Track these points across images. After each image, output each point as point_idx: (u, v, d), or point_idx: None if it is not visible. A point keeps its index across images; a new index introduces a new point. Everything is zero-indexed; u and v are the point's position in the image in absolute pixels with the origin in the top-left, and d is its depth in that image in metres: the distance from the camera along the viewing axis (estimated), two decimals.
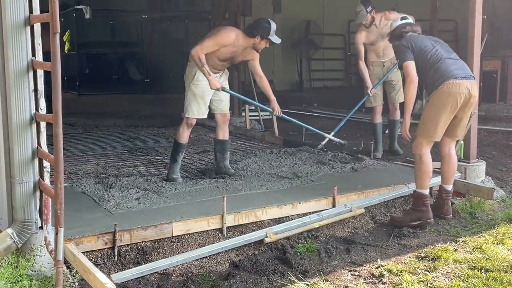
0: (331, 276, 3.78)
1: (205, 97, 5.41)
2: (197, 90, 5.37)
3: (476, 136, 5.74)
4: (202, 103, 5.41)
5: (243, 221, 4.42)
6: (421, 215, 4.69)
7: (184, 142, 5.48)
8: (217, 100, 5.53)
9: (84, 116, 10.36)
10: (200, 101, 5.39)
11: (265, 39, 5.32)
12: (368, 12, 6.72)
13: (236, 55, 5.43)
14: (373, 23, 6.82)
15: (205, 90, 5.38)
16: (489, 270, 3.75)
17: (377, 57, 7.00)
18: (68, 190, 4.93)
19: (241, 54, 5.46)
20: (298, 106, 11.54)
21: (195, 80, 5.37)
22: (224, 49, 5.30)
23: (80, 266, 3.36)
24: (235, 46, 5.33)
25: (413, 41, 4.90)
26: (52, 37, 2.96)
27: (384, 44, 6.84)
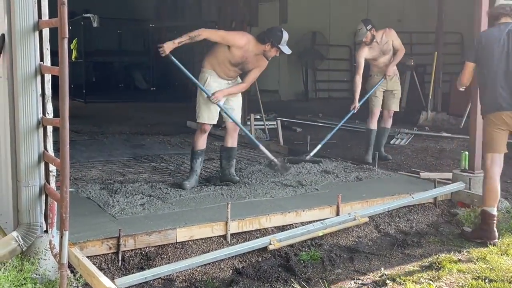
0: (335, 284, 3.78)
1: (213, 105, 5.41)
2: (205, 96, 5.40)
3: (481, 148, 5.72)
4: (213, 109, 5.41)
5: (247, 228, 4.43)
6: (483, 234, 4.53)
7: (197, 149, 5.48)
8: (229, 109, 5.55)
9: (90, 123, 10.41)
10: (211, 106, 5.40)
11: (275, 47, 5.34)
12: (368, 30, 7.01)
13: (247, 61, 5.40)
14: (374, 40, 7.09)
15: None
16: (493, 280, 3.74)
17: (380, 71, 7.33)
18: (73, 195, 4.95)
19: (252, 61, 5.41)
20: (303, 116, 11.57)
21: (207, 86, 5.41)
22: (235, 52, 5.29)
23: (84, 270, 3.38)
24: (246, 51, 5.32)
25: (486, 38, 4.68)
26: (60, 42, 2.99)
27: (384, 59, 7.23)
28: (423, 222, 5.06)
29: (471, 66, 4.77)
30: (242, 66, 5.46)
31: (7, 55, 3.52)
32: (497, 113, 4.56)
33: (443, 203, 5.42)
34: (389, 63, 7.26)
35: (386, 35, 7.16)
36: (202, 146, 5.52)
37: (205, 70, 5.45)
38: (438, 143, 9.01)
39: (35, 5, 3.40)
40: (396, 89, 7.36)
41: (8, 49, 3.50)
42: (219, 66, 5.38)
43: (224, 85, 5.45)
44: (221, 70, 5.37)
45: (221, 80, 5.44)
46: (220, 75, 5.43)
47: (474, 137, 5.62)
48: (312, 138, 8.29)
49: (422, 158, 7.76)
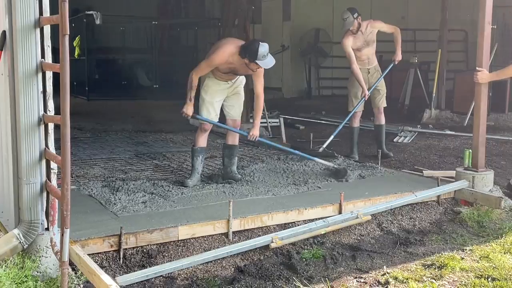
0: (337, 282, 3.77)
1: (214, 103, 5.44)
2: (205, 95, 5.43)
3: (485, 145, 5.71)
4: (211, 108, 5.43)
5: (249, 226, 4.42)
6: None
7: (198, 146, 5.49)
8: (229, 106, 5.57)
9: (93, 121, 10.39)
10: (209, 107, 5.43)
11: (253, 63, 5.17)
12: (354, 19, 6.95)
13: (236, 69, 5.34)
14: (359, 29, 7.02)
15: (213, 96, 5.43)
16: (496, 279, 3.72)
17: (362, 64, 7.21)
18: (75, 193, 4.95)
19: (242, 68, 5.32)
20: (306, 114, 11.54)
21: (205, 86, 5.43)
22: (221, 67, 5.30)
23: (86, 268, 3.37)
24: (231, 63, 5.27)
25: None
26: (61, 39, 2.98)
27: (368, 51, 7.17)
28: (426, 220, 5.05)
29: None
30: (233, 72, 5.41)
31: (8, 52, 3.52)
32: None
33: (446, 201, 5.40)
34: (373, 58, 7.21)
35: (371, 25, 7.10)
36: (203, 144, 5.52)
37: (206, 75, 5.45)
38: (442, 141, 8.97)
39: (36, 2, 3.39)
40: (380, 85, 7.26)
41: (9, 46, 3.49)
42: (213, 74, 5.40)
43: (223, 86, 5.45)
44: (215, 75, 5.40)
45: (220, 82, 5.43)
46: (218, 79, 5.43)
47: (478, 135, 5.59)
48: (315, 136, 8.28)
49: (425, 156, 7.73)
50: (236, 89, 5.56)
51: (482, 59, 5.52)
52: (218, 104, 5.49)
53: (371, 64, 7.24)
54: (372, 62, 7.26)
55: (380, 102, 7.34)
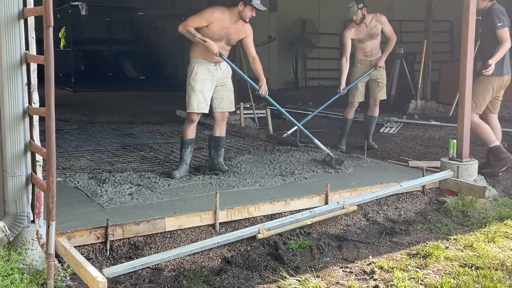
0: (323, 272, 3.80)
1: (204, 92, 5.38)
2: (195, 84, 5.37)
3: (469, 136, 5.76)
4: (202, 98, 5.38)
5: (236, 217, 4.43)
6: (504, 162, 5.89)
7: (187, 138, 5.47)
8: (218, 98, 5.53)
9: (79, 113, 10.36)
10: (199, 95, 5.37)
11: (249, 5, 5.25)
12: (359, 9, 6.94)
13: (229, 32, 5.34)
14: (364, 21, 7.02)
15: (204, 85, 5.38)
16: (480, 267, 3.77)
17: (364, 56, 7.26)
18: (61, 185, 4.93)
19: (234, 30, 5.36)
20: (293, 105, 11.57)
21: (194, 75, 5.38)
22: (214, 27, 5.27)
23: (72, 260, 3.36)
24: (224, 21, 5.28)
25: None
26: (45, 30, 2.96)
27: (372, 44, 7.18)
28: (411, 210, 5.09)
29: None
30: (226, 39, 5.38)
31: None
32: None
33: (431, 191, 5.45)
34: (377, 50, 7.23)
35: (377, 19, 7.09)
36: (191, 136, 5.50)
37: (193, 60, 5.41)
38: (427, 131, 9.04)
39: None
40: (380, 78, 7.31)
41: None
42: (206, 51, 5.33)
43: (213, 71, 5.41)
44: (209, 55, 5.33)
45: (210, 67, 5.39)
46: (209, 60, 5.37)
47: (463, 126, 5.64)
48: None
49: (411, 146, 7.80)
50: (224, 80, 5.54)
51: (466, 50, 5.55)
52: (208, 94, 5.42)
53: (374, 57, 7.23)
54: (375, 54, 7.24)
55: (379, 94, 7.36)
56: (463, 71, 5.61)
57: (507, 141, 8.18)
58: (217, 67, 5.43)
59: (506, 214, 4.87)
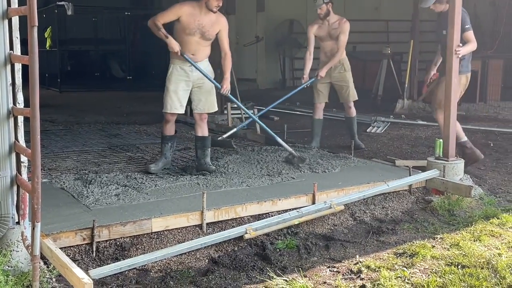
0: (310, 272, 3.80)
1: (178, 92, 5.40)
2: (170, 85, 5.42)
3: (455, 135, 5.79)
4: (175, 98, 5.40)
5: (223, 217, 4.42)
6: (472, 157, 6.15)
7: (166, 134, 5.55)
8: (196, 100, 5.56)
9: (65, 113, 10.29)
10: (173, 96, 5.40)
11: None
12: (324, 3, 6.92)
13: (202, 24, 5.33)
14: (327, 19, 7.02)
15: (178, 85, 5.41)
16: (466, 266, 3.79)
17: (324, 57, 7.24)
18: (47, 186, 4.90)
19: (207, 23, 5.36)
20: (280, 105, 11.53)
21: (169, 75, 5.45)
22: (184, 20, 5.30)
23: (57, 261, 3.34)
24: (195, 14, 5.31)
25: None
26: (29, 30, 2.94)
27: (331, 45, 7.13)
28: (398, 210, 5.11)
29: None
30: (200, 32, 5.37)
31: None
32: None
33: (417, 190, 5.47)
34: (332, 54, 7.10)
35: (340, 23, 7.03)
36: (170, 133, 5.59)
37: (171, 62, 5.49)
38: (414, 131, 9.09)
39: None
40: (343, 81, 7.19)
41: None
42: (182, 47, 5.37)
43: (188, 71, 5.42)
44: (185, 51, 5.36)
45: (185, 67, 5.41)
46: (184, 60, 5.39)
47: (449, 125, 5.67)
48: (289, 127, 8.32)
49: (398, 146, 7.83)
50: (201, 81, 5.51)
51: (452, 49, 5.58)
52: (183, 94, 5.44)
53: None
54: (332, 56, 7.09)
55: (347, 96, 7.28)
56: (449, 71, 5.64)
57: (493, 140, 8.26)
58: (191, 68, 5.43)
59: (492, 212, 4.91)
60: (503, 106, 11.51)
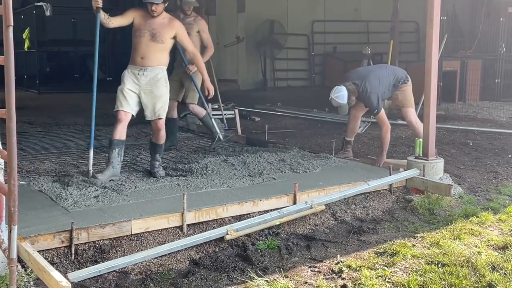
0: (291, 272, 3.79)
1: (124, 89, 5.36)
2: (120, 85, 5.43)
3: (435, 134, 5.83)
4: (122, 96, 5.37)
5: (204, 218, 4.40)
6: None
7: (114, 138, 5.37)
8: (144, 106, 5.43)
9: (44, 115, 10.16)
10: (120, 94, 5.39)
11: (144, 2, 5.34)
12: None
13: (152, 27, 5.34)
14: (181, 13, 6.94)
15: (125, 84, 5.38)
16: (446, 264, 3.81)
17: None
18: (25, 188, 4.84)
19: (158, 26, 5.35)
20: (262, 105, 11.56)
21: (121, 77, 5.47)
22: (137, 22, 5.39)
23: (35, 265, 3.29)
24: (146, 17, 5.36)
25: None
26: (5, 30, 2.88)
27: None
28: (379, 209, 5.13)
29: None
30: (150, 34, 5.33)
31: None
32: None
33: (398, 189, 5.50)
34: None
35: (195, 20, 6.88)
36: (120, 136, 5.37)
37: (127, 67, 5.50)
38: (394, 130, 9.09)
39: None
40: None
41: None
42: (133, 51, 5.43)
43: (136, 75, 5.38)
44: (133, 55, 5.42)
45: (134, 71, 5.39)
46: (134, 63, 5.41)
47: (428, 125, 5.71)
48: (270, 127, 8.31)
49: (378, 145, 7.82)
50: (151, 87, 5.39)
51: (431, 50, 5.62)
52: (130, 94, 5.35)
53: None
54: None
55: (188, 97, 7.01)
56: (428, 71, 5.68)
57: (472, 139, 8.34)
58: (140, 72, 5.37)
59: (471, 211, 4.95)
60: (482, 105, 11.64)
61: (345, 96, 6.12)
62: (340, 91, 6.13)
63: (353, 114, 6.62)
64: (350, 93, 6.14)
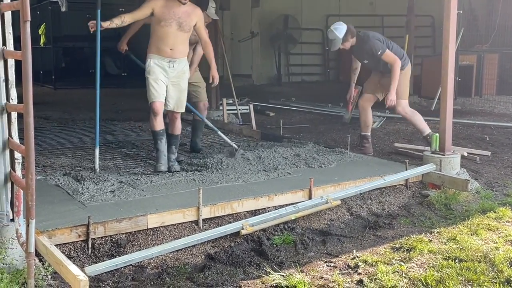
0: (307, 267, 3.78)
1: (157, 80, 5.34)
2: (150, 75, 5.36)
3: (451, 129, 5.79)
4: (157, 86, 5.34)
5: (219, 213, 4.40)
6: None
7: (157, 129, 5.40)
8: (168, 97, 5.44)
9: (60, 110, 10.23)
10: (155, 84, 5.34)
11: None
12: None
13: (178, 15, 5.25)
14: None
15: (157, 75, 5.34)
16: (463, 260, 3.78)
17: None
18: (42, 183, 4.87)
19: (183, 14, 5.26)
20: (276, 101, 11.55)
21: (148, 68, 5.39)
22: (159, 12, 5.24)
23: (53, 258, 3.31)
24: (169, 6, 5.24)
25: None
26: (22, 25, 2.91)
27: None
28: (395, 204, 5.10)
29: None
30: (177, 23, 5.27)
31: None
32: None
33: (414, 184, 5.46)
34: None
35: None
36: (160, 127, 5.42)
37: (148, 56, 5.42)
38: (410, 125, 9.03)
39: None
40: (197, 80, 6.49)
41: None
42: (158, 42, 5.33)
43: (165, 67, 5.35)
44: (161, 46, 5.32)
45: (163, 62, 5.34)
46: (161, 54, 5.34)
47: (445, 119, 5.66)
48: (285, 122, 8.29)
49: (394, 140, 7.82)
50: (178, 78, 5.42)
51: (448, 44, 5.57)
52: (161, 85, 5.36)
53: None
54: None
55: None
56: (445, 64, 5.63)
57: (489, 134, 8.26)
58: (169, 64, 5.36)
59: (489, 206, 4.90)
60: (499, 100, 11.52)
61: (343, 31, 6.21)
62: (340, 25, 6.24)
63: (361, 106, 6.65)
64: (349, 32, 6.23)
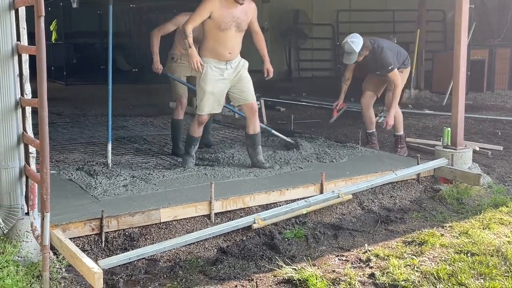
0: (319, 261, 3.80)
1: (215, 93, 5.13)
2: (206, 86, 5.10)
3: (463, 124, 5.77)
4: (213, 99, 5.14)
5: (231, 207, 4.43)
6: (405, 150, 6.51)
7: (196, 136, 5.35)
8: (238, 92, 5.29)
9: (71, 106, 10.30)
10: (211, 97, 5.12)
11: None
12: None
13: (236, 15, 5.00)
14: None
15: (214, 86, 5.11)
16: (475, 254, 3.78)
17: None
18: (55, 177, 4.91)
19: (241, 13, 5.04)
20: (286, 96, 11.54)
21: (204, 76, 5.09)
22: (217, 15, 4.94)
23: (67, 251, 3.35)
24: (227, 7, 4.96)
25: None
26: (36, 21, 2.93)
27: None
28: (406, 199, 5.10)
29: None
30: (236, 25, 5.04)
31: None
32: None
33: (426, 179, 5.45)
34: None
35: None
36: (199, 134, 5.38)
37: (204, 61, 5.08)
38: (421, 120, 9.05)
39: None
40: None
41: None
42: (217, 47, 5.06)
43: (223, 70, 5.13)
44: (219, 50, 5.06)
45: (220, 66, 5.12)
46: (219, 59, 5.10)
47: (456, 114, 5.65)
48: (296, 118, 8.30)
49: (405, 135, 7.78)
50: (239, 74, 5.24)
51: (460, 39, 5.55)
52: (220, 93, 5.18)
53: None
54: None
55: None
56: (456, 59, 5.61)
57: (501, 129, 8.23)
58: (227, 66, 5.15)
59: (501, 201, 4.89)
60: (510, 95, 11.46)
61: (359, 45, 6.03)
62: (357, 38, 6.06)
63: (364, 104, 6.60)
64: (365, 47, 6.07)
